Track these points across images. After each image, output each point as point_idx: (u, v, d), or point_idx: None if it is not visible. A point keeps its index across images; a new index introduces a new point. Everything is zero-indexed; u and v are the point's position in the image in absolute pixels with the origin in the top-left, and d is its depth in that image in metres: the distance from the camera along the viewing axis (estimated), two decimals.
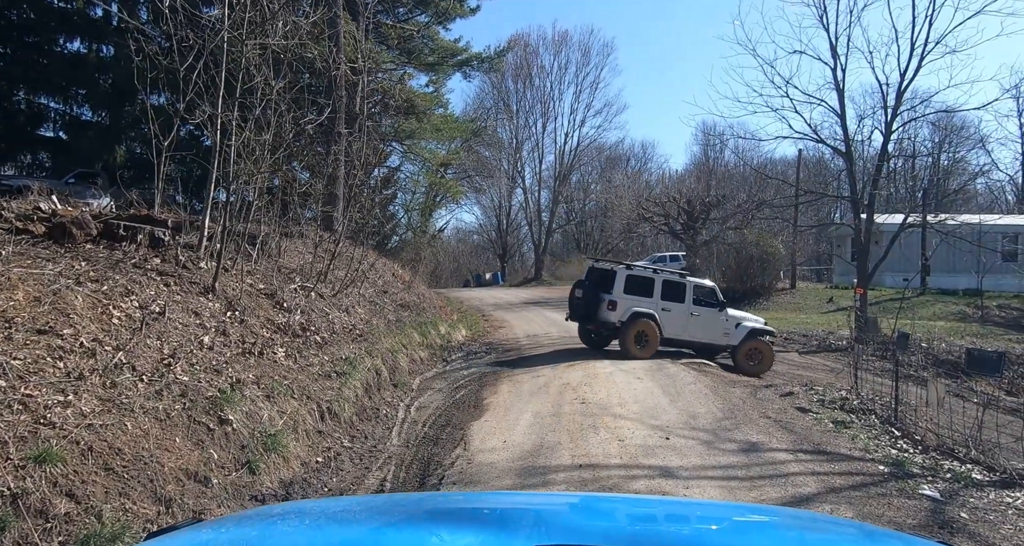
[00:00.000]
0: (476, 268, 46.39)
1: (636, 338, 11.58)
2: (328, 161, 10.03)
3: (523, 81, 39.71)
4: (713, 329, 12.13)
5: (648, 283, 12.02)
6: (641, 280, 12.05)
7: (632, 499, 2.99)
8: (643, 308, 11.71)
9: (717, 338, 12.14)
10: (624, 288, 11.83)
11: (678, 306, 11.99)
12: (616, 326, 11.75)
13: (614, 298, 11.76)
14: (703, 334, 12.13)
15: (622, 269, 12.20)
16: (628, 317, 11.62)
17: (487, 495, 3.48)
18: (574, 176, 43.40)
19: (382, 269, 15.51)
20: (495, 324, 18.76)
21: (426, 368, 11.01)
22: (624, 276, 11.95)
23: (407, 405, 8.35)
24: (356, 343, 8.82)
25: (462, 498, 2.80)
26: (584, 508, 1.79)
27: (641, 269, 12.66)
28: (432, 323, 14.03)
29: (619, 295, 11.76)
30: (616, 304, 11.72)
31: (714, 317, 12.17)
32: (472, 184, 32.13)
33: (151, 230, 6.81)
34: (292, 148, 9.23)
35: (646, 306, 11.77)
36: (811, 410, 7.40)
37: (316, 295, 9.52)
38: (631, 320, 11.60)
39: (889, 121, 15.22)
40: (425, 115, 20.98)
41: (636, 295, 11.83)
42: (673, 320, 11.92)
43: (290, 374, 6.43)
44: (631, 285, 11.91)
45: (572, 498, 2.87)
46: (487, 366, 11.42)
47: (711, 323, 12.13)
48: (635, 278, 12.05)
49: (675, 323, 11.93)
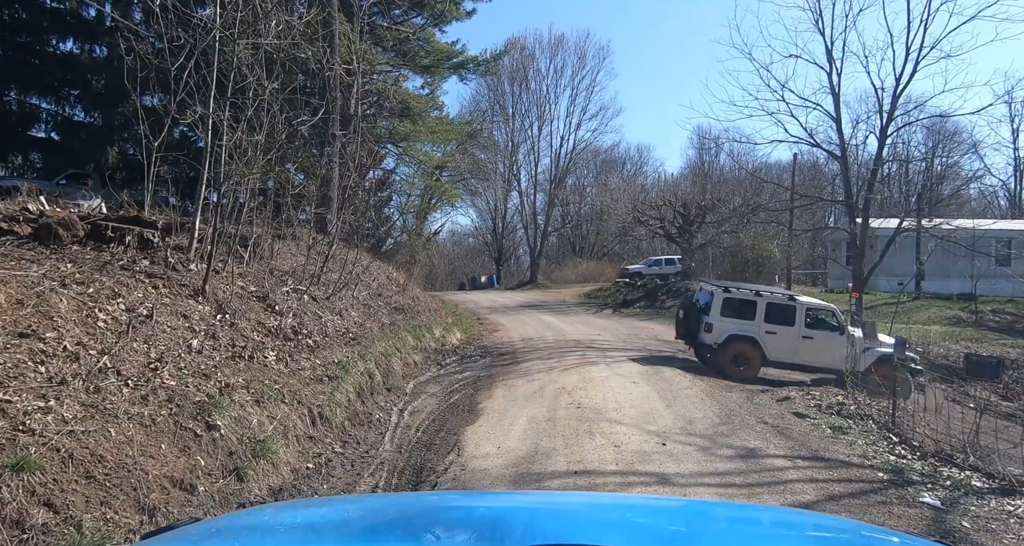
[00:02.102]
0: (472, 271, 46.32)
1: (733, 360, 11.38)
2: (322, 163, 9.93)
3: (519, 84, 39.78)
4: (830, 353, 11.09)
5: (749, 305, 11.71)
6: (741, 302, 11.78)
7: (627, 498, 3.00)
8: (741, 331, 11.46)
9: (835, 363, 10.92)
10: (721, 310, 11.63)
11: (786, 329, 11.49)
12: (713, 348, 11.60)
13: (710, 320, 11.61)
14: (818, 358, 11.31)
15: (719, 291, 11.97)
16: (724, 339, 11.44)
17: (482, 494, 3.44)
18: (570, 179, 43.48)
19: (376, 272, 15.40)
20: (490, 327, 18.67)
21: (420, 372, 10.90)
22: (721, 298, 11.73)
23: (400, 410, 8.24)
24: (349, 346, 8.71)
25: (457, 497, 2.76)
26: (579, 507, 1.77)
27: (742, 291, 12.28)
28: (427, 326, 13.93)
29: (715, 318, 11.58)
30: (712, 326, 11.55)
31: (832, 341, 11.27)
32: (468, 187, 32.12)
33: (140, 231, 6.69)
34: (285, 149, 9.13)
35: (746, 329, 11.47)
36: (808, 415, 7.34)
37: (309, 298, 9.41)
38: (727, 342, 11.42)
39: (884, 125, 15.25)
40: (420, 117, 20.91)
41: (735, 318, 11.58)
42: (780, 343, 11.47)
43: (281, 378, 6.32)
44: (729, 307, 11.69)
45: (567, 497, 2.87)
46: (482, 370, 11.32)
47: (828, 347, 11.20)
48: (734, 301, 11.80)
49: (782, 346, 11.46)
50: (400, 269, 19.72)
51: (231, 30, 7.19)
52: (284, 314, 7.85)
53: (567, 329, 18.21)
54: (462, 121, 25.78)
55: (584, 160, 43.55)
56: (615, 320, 22.04)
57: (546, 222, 41.63)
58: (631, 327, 19.67)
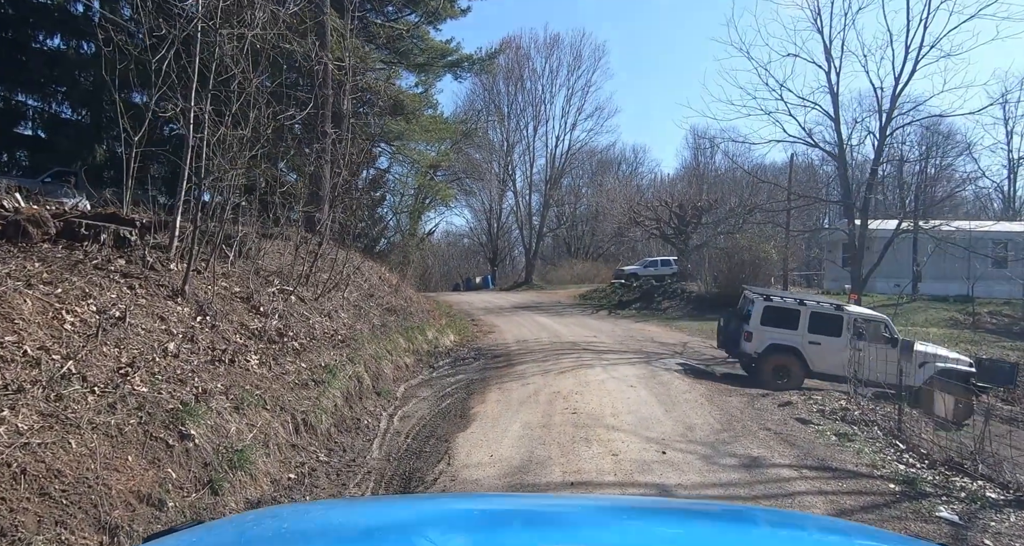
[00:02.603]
0: (467, 272, 46.03)
1: (774, 371, 10.86)
2: (311, 160, 9.64)
3: (514, 83, 39.50)
4: (880, 366, 9.88)
5: (791, 314, 11.19)
6: (783, 311, 11.26)
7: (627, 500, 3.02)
8: (782, 340, 10.89)
9: (884, 377, 9.67)
10: (762, 319, 11.14)
11: (832, 340, 10.81)
12: (752, 357, 11.15)
13: (750, 329, 11.16)
14: (866, 371, 10.06)
15: (760, 299, 11.50)
16: (764, 349, 10.96)
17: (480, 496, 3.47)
18: (565, 180, 43.21)
19: (368, 272, 15.11)
20: (484, 329, 18.39)
21: (411, 375, 10.62)
22: (762, 307, 11.25)
23: (390, 415, 7.96)
24: (337, 349, 8.42)
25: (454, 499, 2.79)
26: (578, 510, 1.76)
27: (784, 300, 11.84)
28: (419, 328, 13.65)
29: (755, 326, 11.11)
30: (752, 335, 11.10)
31: (883, 354, 10.17)
32: (462, 186, 31.79)
33: (116, 229, 6.39)
34: (273, 146, 8.84)
35: (787, 338, 10.89)
36: (812, 421, 7.09)
37: (296, 299, 9.12)
38: (767, 352, 10.91)
39: (884, 125, 15.07)
40: (414, 115, 20.63)
41: (777, 326, 11.03)
42: (824, 354, 10.81)
43: (263, 383, 6.03)
44: (771, 316, 11.17)
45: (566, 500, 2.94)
46: (475, 373, 11.05)
47: (880, 360, 10.01)
48: (776, 309, 11.28)
49: (827, 358, 10.74)
50: (393, 270, 19.44)
51: (213, 20, 6.90)
52: (269, 316, 7.56)
53: (562, 331, 17.96)
54: (456, 120, 25.50)
55: (579, 161, 43.36)
56: (611, 322, 21.79)
57: (541, 223, 41.35)
58: (627, 329, 19.43)
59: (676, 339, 17.10)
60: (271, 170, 8.77)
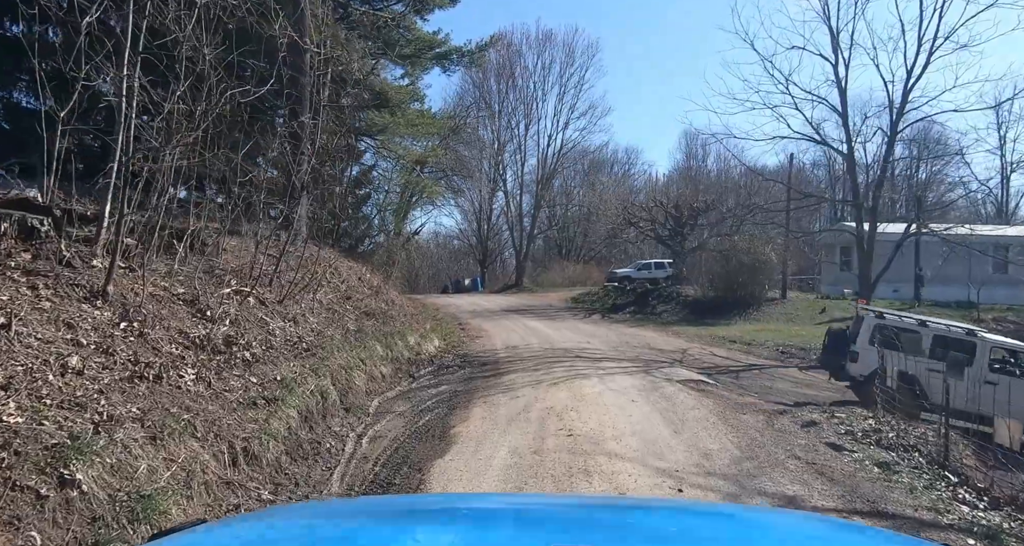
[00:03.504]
0: (456, 274, 44.97)
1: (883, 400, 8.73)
2: (273, 144, 8.61)
3: (506, 81, 38.49)
4: None
5: (909, 336, 9.76)
6: (898, 331, 9.77)
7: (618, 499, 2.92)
8: (895, 366, 9.05)
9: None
10: (870, 338, 9.83)
11: None
12: (858, 381, 9.83)
13: (856, 349, 9.90)
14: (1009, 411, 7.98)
15: (870, 316, 10.26)
16: (871, 373, 9.39)
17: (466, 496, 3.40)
18: (557, 180, 42.22)
19: (347, 272, 14.06)
20: (472, 334, 17.38)
21: (388, 387, 9.58)
22: (873, 325, 9.96)
23: (359, 435, 6.93)
24: (300, 359, 7.38)
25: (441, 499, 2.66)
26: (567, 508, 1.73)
27: (902, 319, 10.52)
28: (400, 333, 12.61)
29: (863, 346, 9.83)
30: (857, 356, 9.85)
31: None
32: (451, 185, 30.80)
33: (23, 217, 5.34)
34: (233, 129, 7.80)
35: (902, 364, 9.01)
36: (845, 447, 6.14)
37: (256, 301, 8.07)
38: (874, 377, 9.12)
39: (894, 121, 14.27)
40: (400, 108, 19.60)
41: (890, 348, 9.30)
42: None
43: (197, 404, 4.99)
44: (883, 335, 9.70)
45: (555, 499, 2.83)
46: (460, 383, 10.04)
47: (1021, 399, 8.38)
48: (889, 328, 9.85)
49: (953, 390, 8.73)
50: (376, 271, 18.39)
51: None
52: (217, 321, 6.51)
53: (554, 336, 16.97)
54: (445, 115, 24.51)
55: (572, 161, 42.35)
56: (604, 326, 20.84)
57: (532, 224, 40.35)
58: (621, 334, 18.48)
59: (674, 345, 16.17)
60: (229, 155, 7.71)
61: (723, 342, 17.18)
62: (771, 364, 14.31)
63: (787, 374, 13.09)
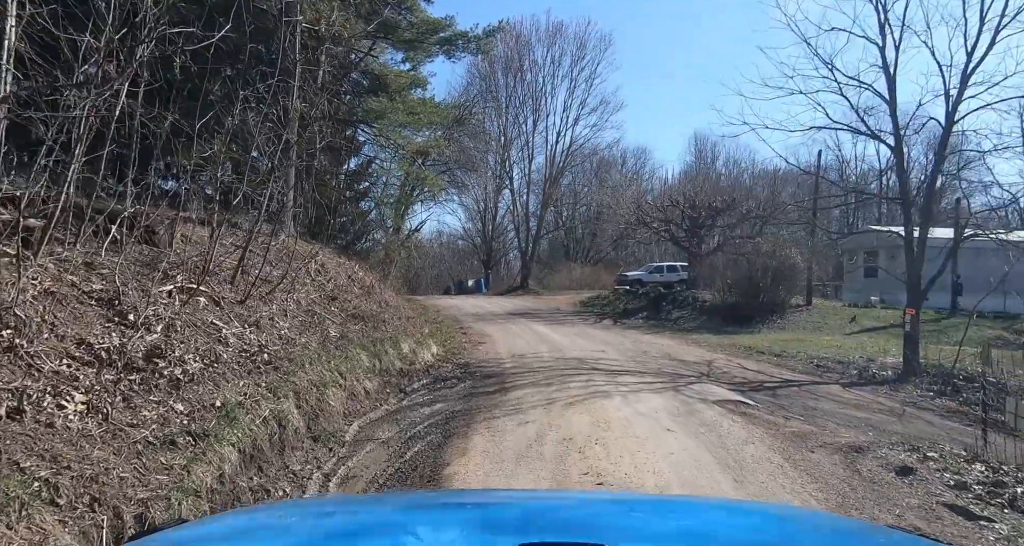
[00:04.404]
0: (459, 274, 43.49)
1: None
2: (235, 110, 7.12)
3: (513, 75, 36.98)
4: None
5: None
6: None
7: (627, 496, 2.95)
8: None
9: None
10: None
11: None
12: None
13: None
14: None
15: None
16: None
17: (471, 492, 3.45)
18: (565, 179, 40.65)
19: (335, 269, 12.58)
20: (474, 339, 15.87)
21: (373, 405, 8.06)
22: None
23: (326, 475, 5.41)
24: (257, 375, 5.87)
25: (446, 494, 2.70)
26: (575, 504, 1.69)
27: None
28: (392, 339, 11.10)
29: None
30: None
31: None
32: (454, 180, 29.28)
33: None
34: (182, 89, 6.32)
35: None
36: (974, 512, 4.54)
37: (208, 301, 6.57)
38: None
39: (951, 110, 12.66)
40: (400, 95, 18.10)
41: None
42: None
43: (75, 450, 3.48)
44: None
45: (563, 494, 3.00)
46: (459, 401, 8.52)
47: None
48: None
49: None
50: (372, 270, 16.90)
51: None
52: (140, 327, 5.00)
53: (565, 343, 15.45)
54: (448, 104, 23.00)
55: (580, 159, 40.80)
56: (617, 333, 19.29)
57: (539, 224, 38.74)
58: (637, 342, 16.93)
59: (696, 356, 14.61)
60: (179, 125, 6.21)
61: (749, 353, 15.60)
62: (808, 380, 12.72)
63: (829, 392, 11.49)
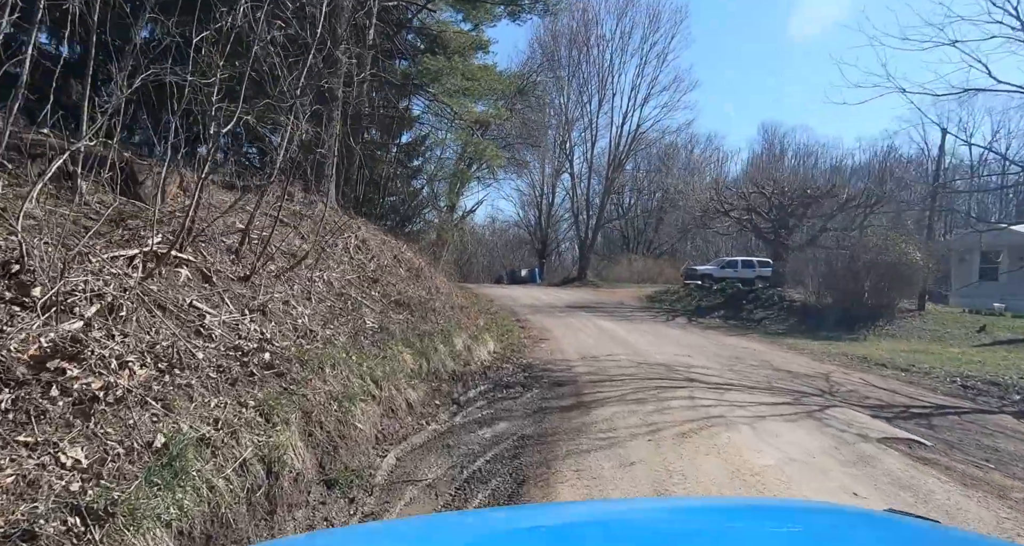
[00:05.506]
0: (511, 264, 41.57)
1: None
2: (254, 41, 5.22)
3: (579, 51, 34.46)
4: None
5: None
6: None
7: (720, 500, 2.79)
8: None
9: None
10: None
11: None
12: None
13: None
14: None
15: None
16: None
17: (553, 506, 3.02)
18: (629, 164, 37.90)
19: (378, 247, 10.70)
20: (534, 335, 13.81)
21: (416, 424, 6.08)
22: None
23: None
24: (242, 387, 3.94)
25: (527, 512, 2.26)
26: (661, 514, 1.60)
27: None
28: (443, 333, 9.14)
29: None
30: None
31: None
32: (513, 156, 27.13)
33: None
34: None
35: None
36: None
37: (193, 274, 4.68)
38: None
39: None
40: (459, 56, 16.06)
41: None
42: None
43: None
44: None
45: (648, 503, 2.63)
46: (527, 418, 6.47)
47: None
48: None
49: None
50: (422, 252, 15.05)
51: None
52: (50, 309, 3.09)
53: (640, 344, 13.20)
54: (511, 73, 20.86)
55: (646, 144, 37.94)
56: (697, 333, 16.85)
57: (600, 211, 36.20)
58: (722, 345, 14.48)
59: (804, 366, 12.09)
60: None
61: (867, 365, 12.94)
62: (960, 405, 10.07)
63: (1002, 425, 8.83)
